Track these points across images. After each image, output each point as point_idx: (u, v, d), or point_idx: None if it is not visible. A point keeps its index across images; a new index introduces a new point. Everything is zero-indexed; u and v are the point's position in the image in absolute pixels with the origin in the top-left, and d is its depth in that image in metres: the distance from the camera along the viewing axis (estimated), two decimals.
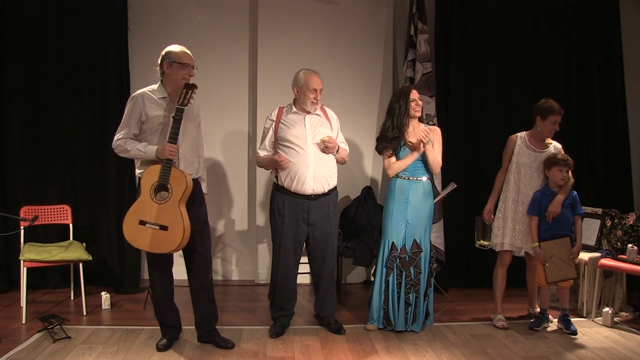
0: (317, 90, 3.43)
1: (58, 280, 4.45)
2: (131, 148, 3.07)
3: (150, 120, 3.10)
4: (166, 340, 3.27)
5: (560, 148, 3.71)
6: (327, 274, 3.59)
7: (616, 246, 4.17)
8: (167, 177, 2.99)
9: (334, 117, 3.62)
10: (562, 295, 3.74)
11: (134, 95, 3.14)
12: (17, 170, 4.36)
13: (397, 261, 3.54)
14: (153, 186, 3.01)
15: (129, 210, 3.03)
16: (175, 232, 2.97)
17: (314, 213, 3.47)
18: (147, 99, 3.12)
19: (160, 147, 3.03)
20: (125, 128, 3.11)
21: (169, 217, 2.98)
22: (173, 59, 3.11)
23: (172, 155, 2.99)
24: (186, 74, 3.11)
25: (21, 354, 3.14)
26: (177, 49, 3.14)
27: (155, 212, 2.99)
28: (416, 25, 4.57)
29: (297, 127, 3.45)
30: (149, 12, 4.63)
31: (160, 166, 2.99)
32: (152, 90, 3.16)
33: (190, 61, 3.15)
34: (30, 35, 4.32)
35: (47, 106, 4.40)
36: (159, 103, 3.13)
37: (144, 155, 3.07)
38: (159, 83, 3.18)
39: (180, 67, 3.11)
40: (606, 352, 3.33)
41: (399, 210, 3.56)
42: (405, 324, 3.55)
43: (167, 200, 3.00)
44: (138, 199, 3.05)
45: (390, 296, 3.55)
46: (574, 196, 3.65)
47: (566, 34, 4.80)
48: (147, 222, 2.98)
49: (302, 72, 3.50)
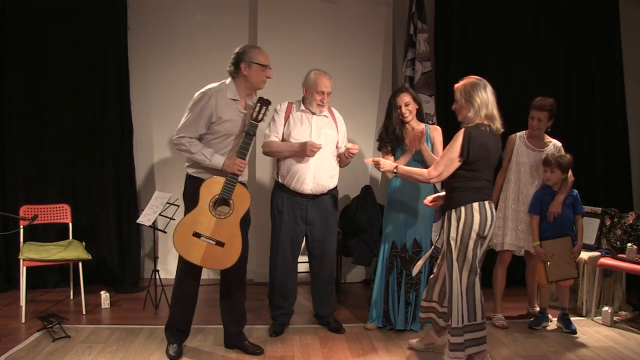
0: (324, 92, 3.41)
1: (57, 279, 4.45)
2: (196, 151, 2.89)
3: (218, 123, 2.92)
4: (177, 346, 3.13)
5: (560, 147, 3.69)
6: (326, 273, 3.60)
7: (616, 245, 4.17)
8: (231, 192, 2.85)
9: (341, 120, 3.62)
10: (561, 294, 3.74)
11: (206, 91, 2.94)
12: (17, 169, 4.36)
13: (398, 260, 3.55)
14: (213, 199, 2.85)
15: (182, 219, 2.87)
16: (232, 250, 2.87)
17: (313, 212, 3.47)
18: (221, 98, 2.93)
19: (229, 161, 2.88)
20: (192, 126, 2.90)
21: (227, 234, 2.86)
22: (252, 59, 2.94)
23: (240, 171, 2.88)
24: (264, 77, 2.97)
25: (21, 353, 3.14)
26: (256, 48, 2.99)
27: (212, 225, 2.85)
28: (416, 24, 4.57)
29: (303, 125, 3.45)
30: (149, 11, 4.63)
31: (225, 179, 2.85)
32: (224, 89, 2.97)
33: (269, 62, 2.98)
34: (30, 35, 4.32)
35: (47, 106, 4.40)
36: (231, 105, 2.96)
37: (209, 163, 2.90)
38: (231, 81, 3.00)
39: (260, 68, 2.96)
40: (606, 351, 3.33)
41: (399, 210, 3.56)
42: (405, 323, 3.55)
43: (228, 216, 2.87)
44: (194, 209, 2.87)
45: (390, 295, 3.56)
46: (575, 195, 3.65)
47: (566, 34, 4.80)
48: (202, 235, 2.85)
49: (312, 72, 3.46)
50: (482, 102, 2.82)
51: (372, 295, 3.64)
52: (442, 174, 2.85)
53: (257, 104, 2.89)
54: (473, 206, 2.82)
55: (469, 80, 2.88)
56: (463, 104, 2.86)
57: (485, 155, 2.83)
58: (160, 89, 4.70)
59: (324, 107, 3.48)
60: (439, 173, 2.85)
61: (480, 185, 2.86)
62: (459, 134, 2.83)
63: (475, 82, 2.86)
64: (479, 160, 2.82)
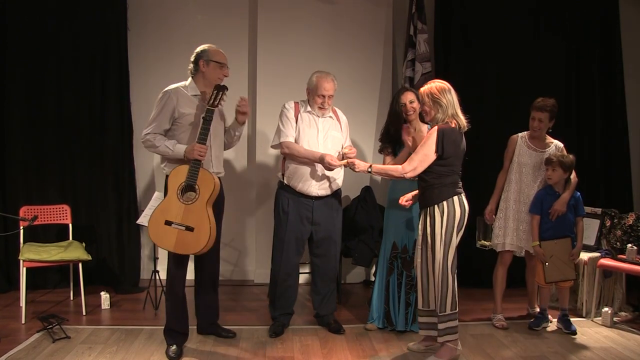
0: (325, 96, 3.39)
1: (57, 280, 4.44)
2: (160, 144, 3.06)
3: (182, 118, 3.09)
4: (176, 347, 3.16)
5: (562, 147, 3.69)
6: (329, 272, 3.60)
7: (616, 246, 4.17)
8: (195, 177, 2.96)
9: (344, 121, 3.60)
10: (561, 295, 3.74)
11: (166, 90, 3.12)
12: (17, 170, 4.36)
13: (398, 261, 3.54)
14: (180, 186, 2.98)
15: (155, 210, 3.02)
16: (201, 233, 2.96)
17: (318, 213, 3.47)
18: (181, 95, 3.10)
19: (189, 147, 3.01)
20: (155, 123, 3.09)
21: (195, 219, 2.96)
22: (209, 57, 3.10)
23: (201, 156, 2.97)
24: (222, 74, 3.12)
25: (21, 353, 3.14)
26: (214, 48, 3.15)
27: (181, 212, 2.96)
28: (416, 25, 4.57)
29: (310, 127, 3.44)
30: (149, 11, 4.62)
31: (188, 166, 2.97)
32: (185, 87, 3.14)
33: (226, 61, 3.15)
34: (30, 35, 4.31)
35: (47, 106, 4.39)
36: (192, 100, 3.12)
37: (172, 153, 3.06)
38: (190, 80, 3.17)
39: (217, 66, 3.11)
40: (605, 352, 3.33)
41: (400, 211, 3.56)
42: (405, 323, 3.55)
43: (194, 201, 2.97)
44: (165, 198, 3.03)
45: (391, 296, 3.56)
46: (577, 197, 3.65)
47: (566, 34, 4.80)
48: (173, 223, 2.96)
49: (315, 74, 3.44)
50: (449, 103, 3.02)
51: (373, 296, 3.64)
52: (417, 168, 3.01)
53: (214, 90, 3.01)
54: (454, 200, 3.02)
55: (434, 84, 3.08)
56: (431, 105, 3.05)
57: (456, 151, 3.03)
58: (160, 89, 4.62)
59: (326, 110, 3.46)
60: (413, 168, 3.01)
61: (454, 180, 3.06)
62: (432, 132, 3.01)
63: (441, 86, 3.06)
64: (452, 156, 3.00)
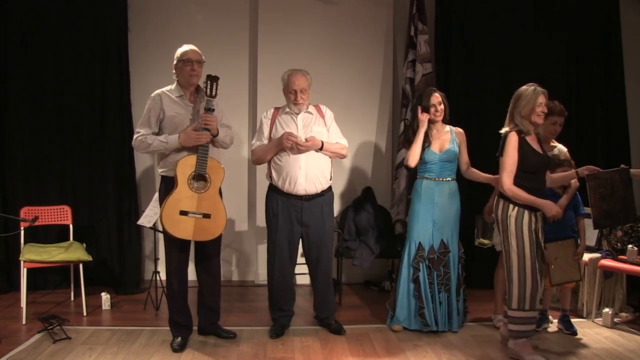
0: (296, 91, 3.38)
1: (58, 280, 4.45)
2: (152, 141, 3.13)
3: (169, 119, 3.17)
4: (180, 339, 3.26)
5: (565, 151, 3.67)
6: (322, 275, 3.58)
7: (616, 247, 4.17)
8: (205, 166, 3.08)
9: (328, 113, 3.57)
10: (563, 296, 3.73)
11: (152, 95, 3.22)
12: (17, 170, 4.36)
13: (426, 262, 3.54)
14: (190, 176, 3.07)
15: (166, 203, 3.06)
16: (218, 219, 3.14)
17: (308, 214, 3.45)
18: (165, 98, 3.20)
19: (183, 134, 3.09)
20: (145, 127, 3.18)
21: (210, 206, 3.11)
22: (178, 58, 3.19)
23: (198, 139, 3.04)
24: (190, 70, 3.16)
25: (21, 354, 3.14)
26: (181, 49, 3.22)
27: (195, 201, 3.07)
28: (416, 25, 4.57)
29: (289, 126, 3.43)
30: (149, 12, 4.63)
31: (196, 157, 3.06)
32: (170, 90, 3.24)
33: (192, 56, 3.18)
34: (31, 36, 4.32)
35: (47, 107, 4.40)
36: (177, 102, 3.21)
37: (167, 145, 3.12)
38: (175, 83, 3.26)
39: (183, 64, 3.16)
40: (606, 352, 3.33)
41: (425, 211, 3.55)
42: (440, 323, 3.54)
43: (207, 189, 3.11)
44: (174, 190, 3.08)
45: (424, 296, 3.53)
46: (576, 196, 3.64)
47: (566, 34, 4.79)
48: (189, 212, 3.06)
49: (286, 72, 3.46)
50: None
51: (397, 296, 3.61)
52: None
53: (206, 81, 3.10)
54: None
55: None
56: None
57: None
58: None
59: (302, 104, 3.43)
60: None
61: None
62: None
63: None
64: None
